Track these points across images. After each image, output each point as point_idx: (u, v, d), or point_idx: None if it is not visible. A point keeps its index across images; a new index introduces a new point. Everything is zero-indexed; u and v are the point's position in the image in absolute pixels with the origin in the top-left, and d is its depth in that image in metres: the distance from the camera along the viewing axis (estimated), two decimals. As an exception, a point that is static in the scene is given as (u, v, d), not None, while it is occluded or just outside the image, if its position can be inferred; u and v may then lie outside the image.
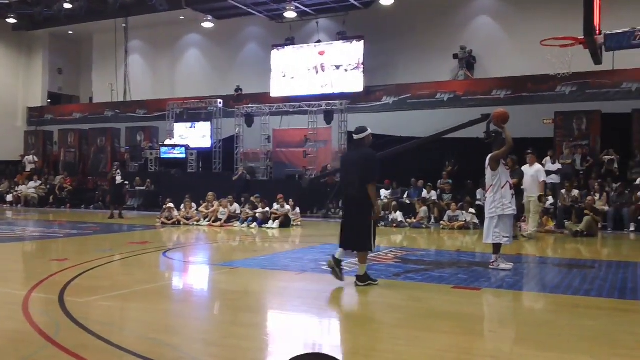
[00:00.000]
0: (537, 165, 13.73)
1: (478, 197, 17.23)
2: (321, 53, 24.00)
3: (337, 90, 23.49)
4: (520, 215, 13.89)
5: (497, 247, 8.74)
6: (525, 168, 13.43)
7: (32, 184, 26.16)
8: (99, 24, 28.45)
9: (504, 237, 8.63)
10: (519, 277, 8.31)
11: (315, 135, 22.45)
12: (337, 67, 23.60)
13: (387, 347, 4.96)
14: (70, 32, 31.14)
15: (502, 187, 8.61)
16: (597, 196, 16.34)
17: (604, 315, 6.13)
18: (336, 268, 7.43)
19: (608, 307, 6.50)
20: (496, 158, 8.63)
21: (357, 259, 7.60)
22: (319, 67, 23.98)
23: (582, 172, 18.17)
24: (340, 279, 7.43)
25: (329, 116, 22.43)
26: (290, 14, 24.19)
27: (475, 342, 5.20)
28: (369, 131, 7.60)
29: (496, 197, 8.61)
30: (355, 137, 7.66)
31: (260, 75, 25.20)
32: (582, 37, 11.20)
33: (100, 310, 6.25)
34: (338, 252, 7.51)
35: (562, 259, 10.54)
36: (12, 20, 28.97)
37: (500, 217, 8.60)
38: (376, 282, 7.43)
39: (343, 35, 23.73)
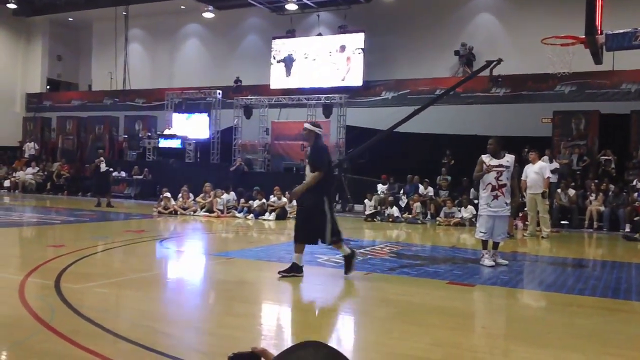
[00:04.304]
0: (540, 162, 13.70)
1: (471, 196, 17.19)
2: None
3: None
4: (515, 213, 13.91)
5: (483, 243, 9.01)
6: (528, 166, 13.46)
7: (29, 170, 26.12)
8: (99, 11, 28.28)
9: (480, 232, 8.93)
10: (514, 274, 8.35)
11: (313, 128, 22.32)
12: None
13: (380, 340, 4.99)
14: (70, 19, 30.95)
15: (484, 189, 8.98)
16: (593, 196, 16.40)
17: (597, 314, 6.17)
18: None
19: (601, 307, 6.53)
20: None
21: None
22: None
23: (578, 172, 18.20)
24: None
25: (327, 110, 22.38)
26: (291, 6, 24.10)
27: (468, 337, 5.23)
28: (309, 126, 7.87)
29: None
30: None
31: (260, 67, 25.13)
32: (583, 36, 11.19)
33: (95, 296, 6.27)
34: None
35: (556, 258, 10.57)
36: (12, 6, 28.73)
37: (481, 215, 9.04)
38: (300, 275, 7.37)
39: (344, 29, 23.67)
